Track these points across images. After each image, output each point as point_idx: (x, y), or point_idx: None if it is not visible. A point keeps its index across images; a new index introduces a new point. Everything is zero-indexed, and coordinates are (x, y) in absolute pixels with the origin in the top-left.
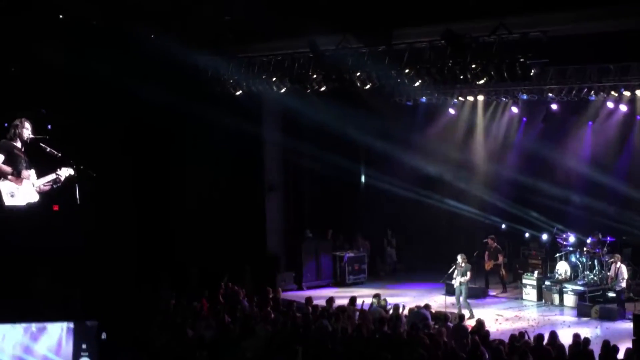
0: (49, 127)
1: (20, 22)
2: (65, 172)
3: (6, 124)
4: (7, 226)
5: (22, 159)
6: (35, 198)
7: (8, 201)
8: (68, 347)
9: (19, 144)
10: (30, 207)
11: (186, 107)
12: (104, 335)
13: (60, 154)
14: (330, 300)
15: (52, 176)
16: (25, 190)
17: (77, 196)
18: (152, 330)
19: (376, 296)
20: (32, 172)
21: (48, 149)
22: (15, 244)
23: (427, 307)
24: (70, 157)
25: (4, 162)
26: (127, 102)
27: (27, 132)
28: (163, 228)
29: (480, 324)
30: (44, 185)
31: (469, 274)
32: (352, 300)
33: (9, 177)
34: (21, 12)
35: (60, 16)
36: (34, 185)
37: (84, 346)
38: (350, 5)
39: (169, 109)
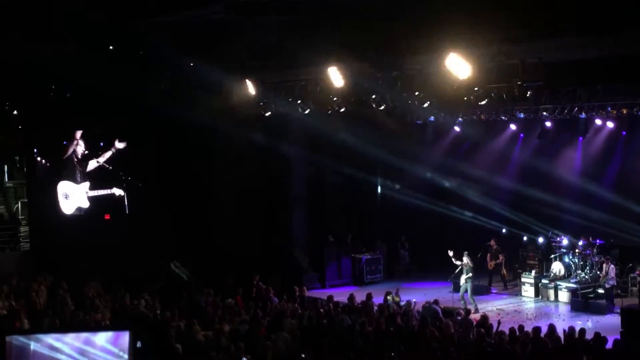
0: (101, 144)
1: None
2: (117, 191)
3: (65, 142)
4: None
5: (78, 170)
6: (86, 204)
7: (62, 202)
8: (124, 338)
9: (74, 158)
10: (82, 213)
11: (221, 126)
12: (138, 344)
13: (111, 167)
14: (352, 297)
15: (106, 191)
16: (78, 195)
17: (126, 206)
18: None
19: (389, 293)
20: (87, 183)
21: (101, 163)
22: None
23: (436, 302)
24: (120, 170)
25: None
26: (170, 124)
27: (80, 148)
28: (200, 239)
29: (484, 317)
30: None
31: (471, 273)
32: (369, 296)
33: (68, 179)
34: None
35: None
36: (87, 194)
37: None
38: (366, 36)
39: (206, 129)
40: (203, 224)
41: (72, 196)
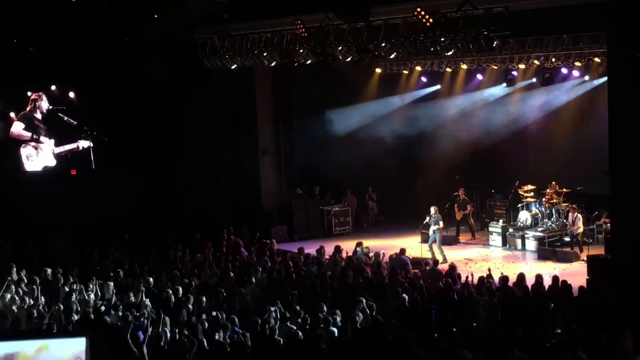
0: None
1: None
2: (83, 143)
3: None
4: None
5: (41, 128)
6: (52, 163)
7: (27, 165)
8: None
9: (38, 115)
10: (46, 170)
11: (187, 80)
12: None
13: (75, 122)
14: (321, 249)
15: (71, 145)
16: (43, 155)
17: (92, 161)
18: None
19: (359, 244)
20: (51, 141)
21: (65, 118)
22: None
23: (402, 251)
24: (85, 125)
25: (24, 129)
26: (134, 76)
27: (45, 104)
28: (168, 191)
29: (452, 267)
30: (62, 152)
31: (441, 222)
32: (337, 249)
33: (30, 143)
34: None
35: None
36: (53, 152)
37: None
38: None
39: (173, 83)
40: (171, 176)
41: (37, 156)
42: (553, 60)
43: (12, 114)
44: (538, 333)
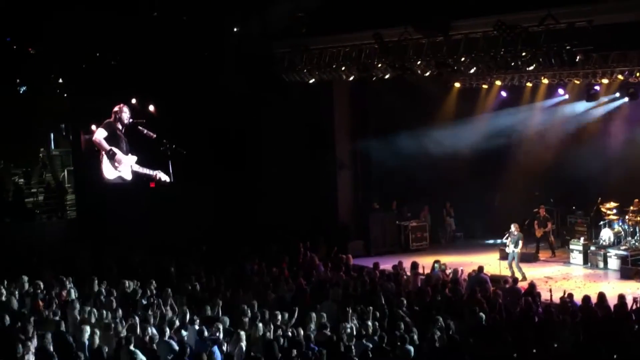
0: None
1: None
2: (162, 176)
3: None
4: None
5: (122, 139)
6: (129, 177)
7: (106, 166)
8: None
9: (119, 126)
10: (125, 181)
11: (266, 93)
12: None
13: (155, 135)
14: (399, 264)
15: (150, 172)
16: (124, 166)
17: (171, 174)
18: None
19: (437, 261)
20: (133, 158)
21: (145, 131)
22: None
23: (480, 269)
24: (164, 138)
25: (105, 139)
26: (213, 88)
27: (126, 115)
28: (245, 204)
29: (532, 286)
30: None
31: (520, 242)
32: (414, 265)
33: (112, 160)
34: None
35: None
36: (131, 167)
37: None
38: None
39: (251, 96)
40: (248, 189)
41: (119, 164)
42: (637, 75)
43: (94, 127)
44: (620, 356)
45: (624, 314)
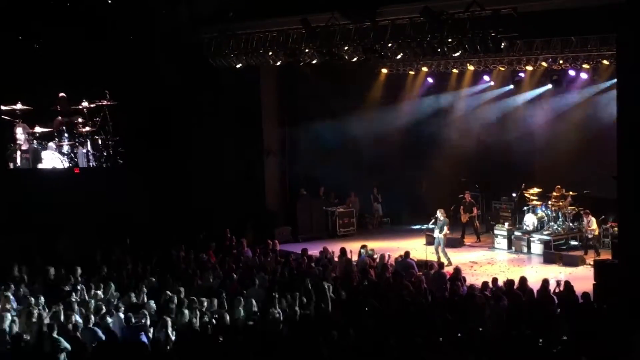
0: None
1: None
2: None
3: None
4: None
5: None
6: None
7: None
8: None
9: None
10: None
11: (193, 78)
12: None
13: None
14: (324, 250)
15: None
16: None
17: (93, 160)
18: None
19: (364, 247)
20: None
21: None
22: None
23: (407, 254)
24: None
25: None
26: (140, 73)
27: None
28: (172, 190)
29: (457, 271)
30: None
31: (446, 227)
32: (343, 251)
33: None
34: None
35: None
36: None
37: None
38: None
39: (179, 81)
40: (175, 175)
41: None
42: (561, 62)
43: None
44: (544, 339)
45: (548, 297)
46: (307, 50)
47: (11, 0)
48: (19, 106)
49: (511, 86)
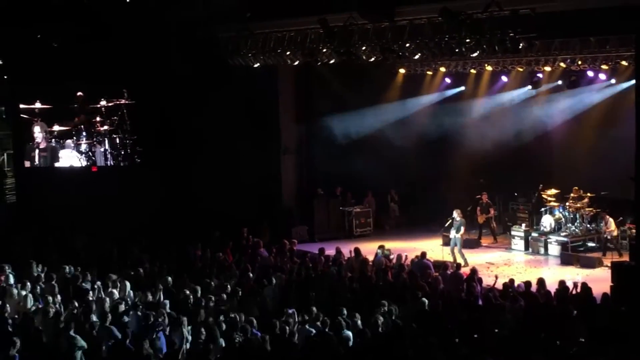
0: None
1: None
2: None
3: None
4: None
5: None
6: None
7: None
8: None
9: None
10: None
11: (209, 77)
12: None
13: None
14: (339, 250)
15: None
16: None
17: (111, 159)
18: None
19: (381, 247)
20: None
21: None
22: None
23: (423, 255)
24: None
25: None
26: (156, 72)
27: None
28: (189, 189)
29: (474, 271)
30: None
31: (463, 228)
32: (357, 251)
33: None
34: None
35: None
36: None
37: None
38: None
39: (196, 80)
40: (192, 174)
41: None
42: (579, 63)
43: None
44: (561, 340)
45: (565, 299)
46: (324, 50)
47: (30, 0)
48: (37, 105)
49: (529, 87)
